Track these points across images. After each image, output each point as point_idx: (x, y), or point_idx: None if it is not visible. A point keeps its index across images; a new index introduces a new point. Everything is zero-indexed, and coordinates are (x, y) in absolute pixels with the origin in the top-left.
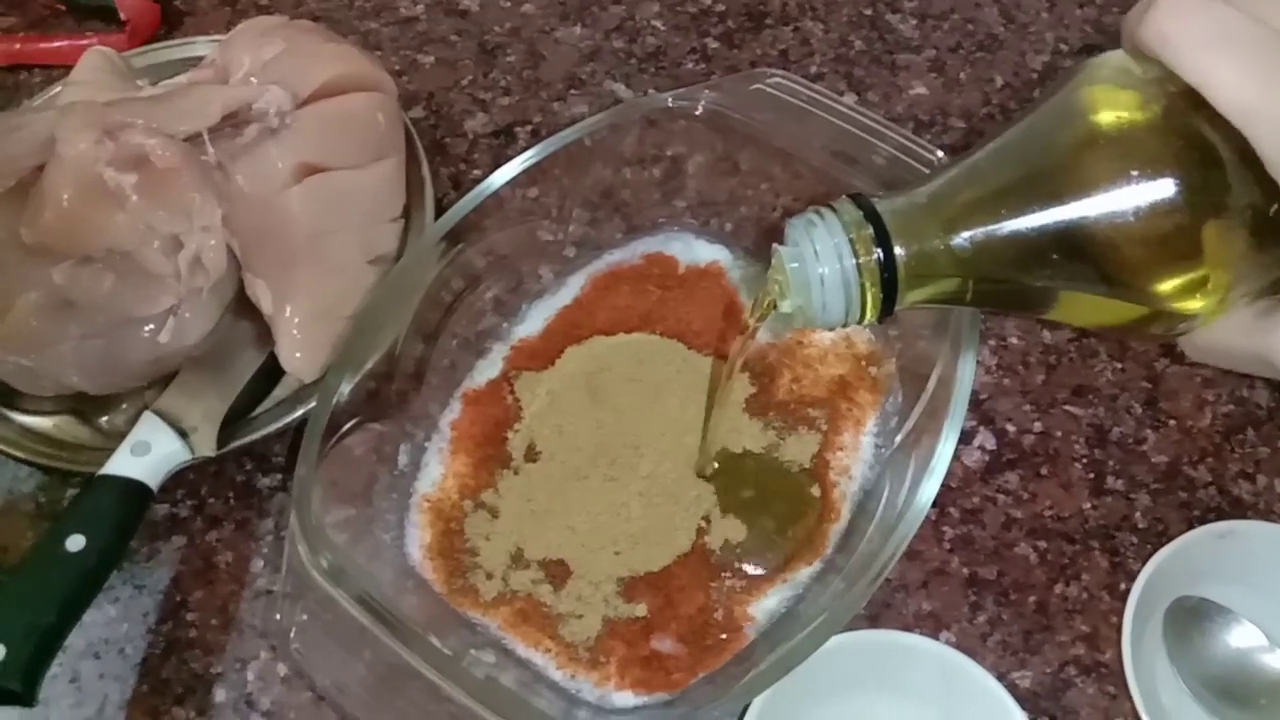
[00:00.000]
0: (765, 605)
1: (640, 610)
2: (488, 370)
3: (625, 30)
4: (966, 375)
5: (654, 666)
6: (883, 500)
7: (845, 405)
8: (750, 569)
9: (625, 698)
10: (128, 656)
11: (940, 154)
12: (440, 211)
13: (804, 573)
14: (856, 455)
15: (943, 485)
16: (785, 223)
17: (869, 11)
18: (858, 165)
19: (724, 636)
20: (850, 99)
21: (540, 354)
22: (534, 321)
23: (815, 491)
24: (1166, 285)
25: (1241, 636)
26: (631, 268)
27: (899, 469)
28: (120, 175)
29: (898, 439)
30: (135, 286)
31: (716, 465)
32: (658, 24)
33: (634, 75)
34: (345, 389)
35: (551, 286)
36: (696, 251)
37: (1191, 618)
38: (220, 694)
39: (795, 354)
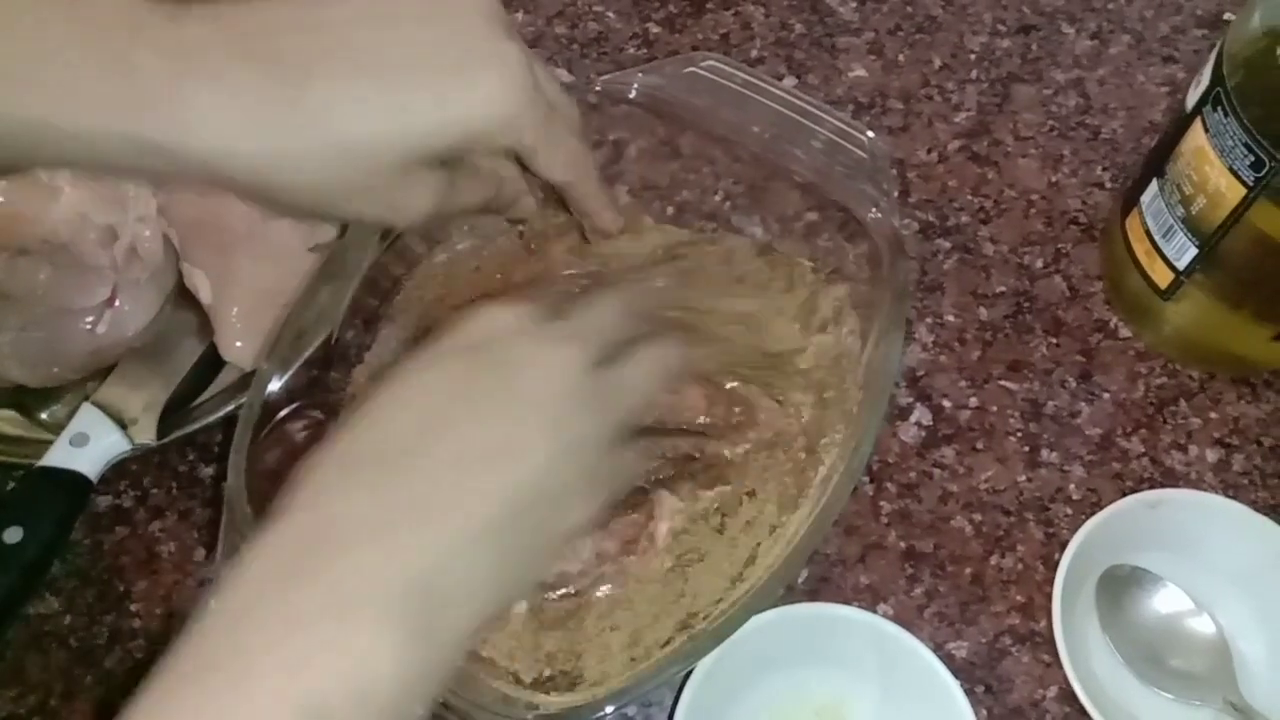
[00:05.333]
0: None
1: None
2: None
3: (567, 16)
4: (894, 354)
5: None
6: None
7: None
8: None
9: None
10: (71, 648)
11: (871, 134)
12: None
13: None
14: None
15: (880, 461)
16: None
17: None
18: (796, 149)
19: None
20: (790, 82)
21: None
22: None
23: None
24: None
25: (1169, 602)
26: None
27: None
28: None
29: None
30: (72, 277)
31: None
32: (599, 9)
33: (576, 61)
34: (279, 377)
35: None
36: None
37: (1122, 585)
38: None
39: None
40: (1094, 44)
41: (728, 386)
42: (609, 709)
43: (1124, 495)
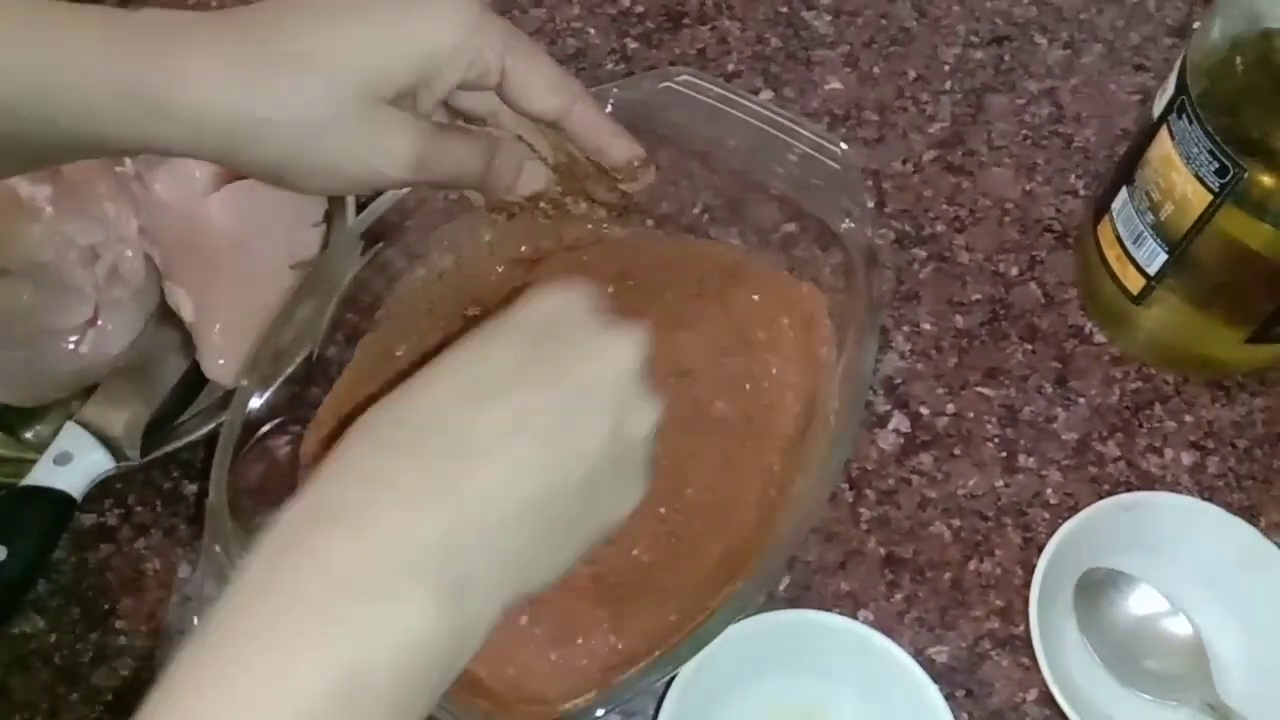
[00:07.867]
0: None
1: None
2: None
3: (546, 33)
4: (869, 361)
5: None
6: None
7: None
8: None
9: None
10: (56, 666)
11: (844, 146)
12: None
13: None
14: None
15: (859, 468)
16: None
17: (784, 9)
18: (773, 162)
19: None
20: (767, 95)
21: None
22: None
23: None
24: None
25: (1146, 603)
26: None
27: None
28: (34, 187)
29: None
30: (54, 298)
31: None
32: (578, 25)
33: None
34: (260, 393)
35: None
36: None
37: (1100, 588)
38: None
39: None
40: (1066, 54)
41: None
42: (599, 712)
43: (1100, 499)
